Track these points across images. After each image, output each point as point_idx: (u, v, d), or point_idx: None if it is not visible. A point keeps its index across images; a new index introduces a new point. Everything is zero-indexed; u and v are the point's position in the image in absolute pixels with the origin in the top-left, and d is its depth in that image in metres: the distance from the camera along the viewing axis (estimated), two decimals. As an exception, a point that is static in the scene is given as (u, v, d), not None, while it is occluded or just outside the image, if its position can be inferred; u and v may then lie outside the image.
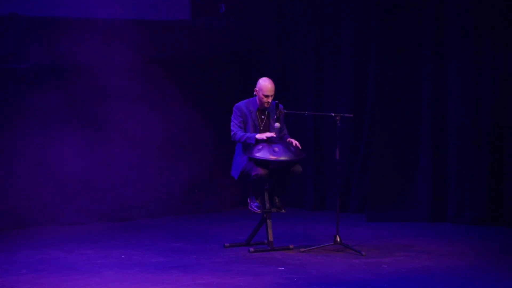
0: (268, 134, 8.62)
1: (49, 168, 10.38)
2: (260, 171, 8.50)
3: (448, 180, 10.44)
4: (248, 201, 8.80)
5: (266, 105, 8.73)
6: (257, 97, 8.77)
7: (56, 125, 10.45)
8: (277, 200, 8.78)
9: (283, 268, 7.88)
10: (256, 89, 8.76)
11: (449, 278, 7.48)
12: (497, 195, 10.11)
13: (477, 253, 8.58)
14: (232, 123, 8.77)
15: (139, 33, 10.89)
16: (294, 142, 8.67)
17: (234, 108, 8.81)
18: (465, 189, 10.29)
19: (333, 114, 8.79)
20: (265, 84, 8.71)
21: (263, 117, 8.82)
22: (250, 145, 8.63)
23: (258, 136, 8.62)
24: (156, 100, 11.04)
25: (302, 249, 8.64)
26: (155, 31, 11.04)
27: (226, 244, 8.90)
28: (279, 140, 8.66)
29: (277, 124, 8.63)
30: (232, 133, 8.75)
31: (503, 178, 10.02)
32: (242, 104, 8.82)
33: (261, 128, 8.77)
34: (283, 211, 8.79)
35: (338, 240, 8.64)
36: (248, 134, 8.67)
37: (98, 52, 10.56)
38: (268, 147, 8.51)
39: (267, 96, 8.70)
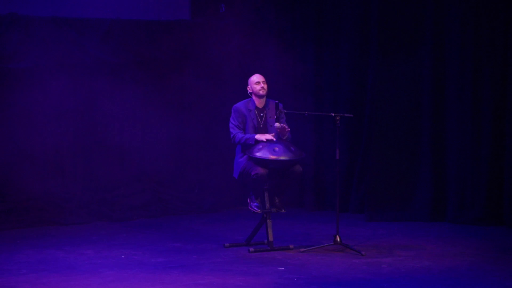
0: (268, 137, 8.61)
1: (49, 168, 10.39)
2: (260, 170, 8.50)
3: (448, 180, 10.44)
4: (248, 201, 8.80)
5: (262, 92, 8.75)
6: (253, 95, 8.80)
7: (56, 125, 10.46)
8: (277, 200, 8.78)
9: (283, 268, 7.88)
10: (249, 87, 8.80)
11: (449, 278, 7.48)
12: (497, 195, 10.12)
13: (477, 253, 8.58)
14: (231, 125, 8.77)
15: (139, 33, 10.90)
16: (281, 125, 8.61)
17: (232, 110, 8.81)
18: (465, 189, 10.30)
19: (333, 114, 8.79)
20: (252, 77, 8.81)
21: (262, 115, 8.82)
22: (250, 146, 8.64)
23: (258, 136, 8.62)
24: (155, 100, 11.03)
25: (302, 249, 8.64)
26: (155, 31, 11.05)
27: (226, 244, 8.90)
28: (279, 140, 8.66)
29: (277, 124, 8.63)
30: (231, 136, 8.75)
31: (503, 178, 10.03)
32: (240, 104, 8.83)
33: (261, 126, 8.77)
34: (283, 211, 8.79)
35: (338, 240, 8.64)
36: (247, 136, 8.67)
37: (98, 52, 10.57)
38: (268, 147, 8.51)
39: (258, 83, 8.75)
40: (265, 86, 8.77)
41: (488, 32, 10.11)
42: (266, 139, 8.60)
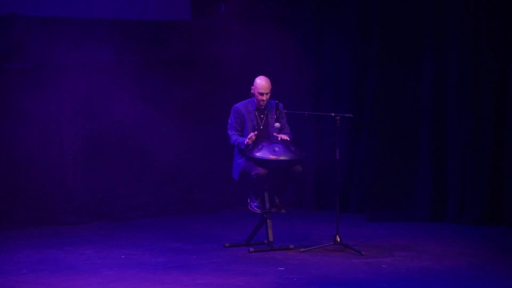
0: (251, 136, 8.55)
1: (49, 168, 10.38)
2: (260, 170, 8.50)
3: (448, 180, 10.44)
4: (248, 201, 8.80)
5: (262, 103, 8.71)
6: (255, 97, 8.77)
7: (56, 125, 10.46)
8: (277, 200, 8.77)
9: (283, 268, 7.88)
10: (252, 87, 8.77)
11: (449, 278, 7.48)
12: (497, 195, 10.11)
13: (477, 253, 8.58)
14: (228, 126, 8.76)
15: (139, 33, 10.90)
16: (280, 136, 8.61)
17: (232, 110, 8.80)
18: (465, 189, 10.30)
19: (333, 114, 8.79)
20: (260, 82, 8.70)
21: (262, 116, 8.81)
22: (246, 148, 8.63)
23: (246, 141, 8.57)
24: (155, 100, 11.03)
25: (302, 249, 8.64)
26: (155, 31, 11.05)
27: (226, 244, 8.90)
28: (279, 140, 8.65)
29: (277, 124, 8.63)
30: (228, 136, 8.75)
31: (503, 178, 10.03)
32: (240, 105, 8.81)
33: (261, 127, 8.76)
34: (283, 211, 8.79)
35: (338, 240, 8.64)
36: (239, 139, 8.64)
37: (98, 52, 10.56)
38: (268, 147, 8.51)
39: (261, 94, 8.68)
40: (267, 97, 8.73)
41: (488, 30, 10.10)
42: (249, 138, 8.53)
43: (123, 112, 10.81)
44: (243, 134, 8.74)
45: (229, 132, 8.76)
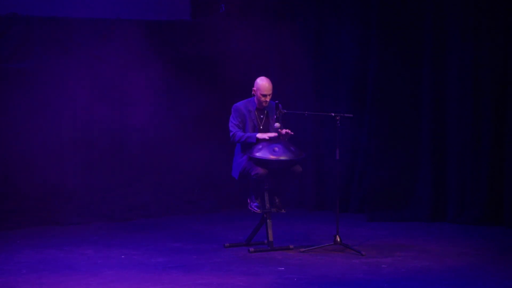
0: (271, 135, 8.60)
1: (49, 168, 10.38)
2: (260, 170, 8.50)
3: (448, 180, 10.44)
4: (248, 201, 8.80)
5: (264, 104, 8.73)
6: (255, 97, 8.77)
7: (56, 125, 10.45)
8: (277, 200, 8.77)
9: (283, 268, 7.88)
10: (254, 88, 8.76)
11: (449, 278, 7.48)
12: (497, 195, 10.12)
13: (477, 253, 8.59)
14: (230, 124, 8.75)
15: (139, 33, 10.90)
16: (285, 130, 8.62)
17: (232, 109, 8.80)
18: (465, 189, 10.30)
19: (333, 114, 8.80)
20: (262, 84, 8.70)
21: (262, 116, 8.81)
22: (250, 145, 8.62)
23: (260, 135, 8.61)
24: (155, 100, 11.03)
25: (302, 249, 8.64)
26: (155, 31, 11.05)
27: (226, 244, 8.90)
28: (279, 140, 8.65)
29: (277, 124, 8.63)
30: (231, 134, 8.73)
31: (503, 178, 10.03)
32: (240, 104, 8.81)
33: (261, 127, 8.76)
34: (283, 211, 8.79)
35: (338, 240, 8.64)
36: (248, 134, 8.66)
37: (98, 52, 10.56)
38: (268, 147, 8.51)
39: (265, 96, 8.69)
40: (270, 98, 8.74)
41: (488, 30, 10.10)
42: (269, 137, 8.58)
43: (122, 112, 10.81)
44: (245, 132, 8.74)
45: (232, 129, 8.73)
